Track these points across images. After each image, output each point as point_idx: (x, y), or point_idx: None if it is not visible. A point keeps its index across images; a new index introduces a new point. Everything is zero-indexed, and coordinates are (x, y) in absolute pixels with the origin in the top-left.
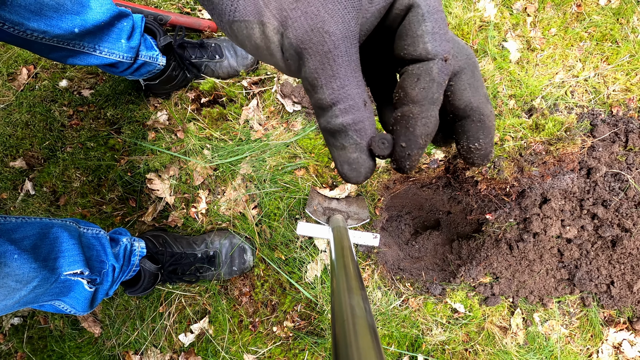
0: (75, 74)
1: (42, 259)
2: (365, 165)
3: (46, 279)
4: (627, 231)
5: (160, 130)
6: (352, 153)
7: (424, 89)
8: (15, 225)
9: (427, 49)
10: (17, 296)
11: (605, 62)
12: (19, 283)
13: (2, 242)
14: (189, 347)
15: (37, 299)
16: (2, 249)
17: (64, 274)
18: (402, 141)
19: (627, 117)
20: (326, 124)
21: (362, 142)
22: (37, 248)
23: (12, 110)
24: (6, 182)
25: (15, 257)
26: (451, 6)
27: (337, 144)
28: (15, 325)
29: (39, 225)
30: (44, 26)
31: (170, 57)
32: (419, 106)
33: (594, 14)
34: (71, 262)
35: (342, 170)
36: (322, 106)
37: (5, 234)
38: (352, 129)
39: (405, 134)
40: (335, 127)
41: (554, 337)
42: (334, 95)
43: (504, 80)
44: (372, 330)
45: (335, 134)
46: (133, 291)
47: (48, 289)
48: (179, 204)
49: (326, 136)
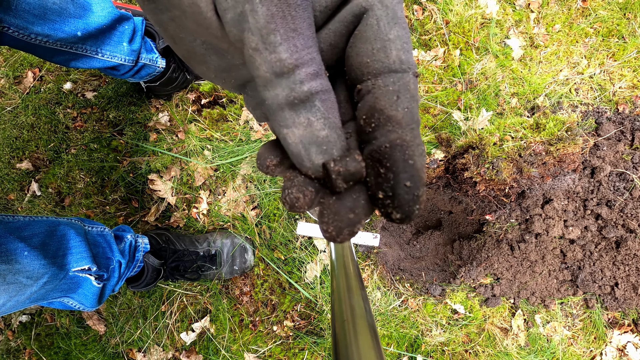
0: (79, 76)
1: (51, 256)
2: (338, 146)
3: (55, 275)
4: (632, 232)
5: (161, 132)
6: (320, 130)
7: (408, 109)
8: (23, 224)
9: (401, 58)
10: (28, 292)
11: (612, 58)
12: (30, 279)
13: (12, 240)
14: (191, 345)
15: (47, 295)
16: (13, 246)
17: (72, 270)
18: (404, 179)
19: (634, 115)
20: (289, 92)
21: (331, 118)
22: (46, 245)
23: (19, 112)
24: (13, 183)
25: (25, 253)
26: (452, 3)
27: (300, 120)
28: (24, 323)
29: (46, 224)
30: (48, 30)
31: (170, 59)
32: (409, 130)
33: (600, 9)
34: (79, 258)
35: (309, 157)
36: (280, 70)
37: (14, 231)
38: (319, 98)
39: (405, 169)
40: (301, 96)
41: (556, 339)
42: (298, 55)
43: (506, 78)
44: (372, 330)
45: (297, 107)
46: (136, 286)
47: (57, 285)
48: (181, 204)
49: (279, 114)
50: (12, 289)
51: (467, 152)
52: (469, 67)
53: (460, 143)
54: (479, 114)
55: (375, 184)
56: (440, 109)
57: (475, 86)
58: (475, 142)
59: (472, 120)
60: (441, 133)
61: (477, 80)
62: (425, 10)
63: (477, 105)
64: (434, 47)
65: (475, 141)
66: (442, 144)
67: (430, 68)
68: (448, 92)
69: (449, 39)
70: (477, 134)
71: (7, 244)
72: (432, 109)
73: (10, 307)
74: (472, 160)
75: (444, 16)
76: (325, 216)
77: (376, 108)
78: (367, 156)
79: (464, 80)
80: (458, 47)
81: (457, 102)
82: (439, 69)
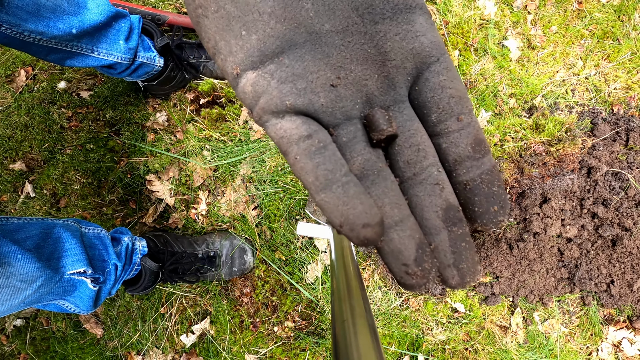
0: (74, 75)
1: (45, 259)
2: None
3: (50, 279)
4: (628, 230)
5: (159, 132)
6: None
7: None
8: (17, 226)
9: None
10: (22, 296)
11: (607, 60)
12: (24, 283)
13: (5, 243)
14: (191, 347)
15: (42, 299)
16: (6, 249)
17: (67, 273)
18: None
19: (628, 116)
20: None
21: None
22: (40, 248)
23: (11, 112)
24: (6, 184)
25: (19, 257)
26: (451, 4)
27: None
28: (18, 327)
29: (41, 226)
30: (42, 27)
31: (168, 57)
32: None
33: (595, 12)
34: (74, 261)
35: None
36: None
37: (8, 234)
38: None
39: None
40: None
41: (554, 336)
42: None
43: (504, 79)
44: (372, 330)
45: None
46: (133, 290)
47: (52, 288)
48: (179, 205)
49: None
50: (5, 293)
51: None
52: (468, 68)
53: None
54: (478, 114)
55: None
56: None
57: (474, 87)
58: None
59: None
60: None
61: (476, 80)
62: None
63: (476, 105)
64: None
65: None
66: None
67: None
68: None
69: (448, 39)
70: None
71: (0, 247)
72: None
73: (4, 311)
74: None
75: (443, 17)
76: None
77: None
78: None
79: (463, 80)
80: (457, 48)
81: None
82: None
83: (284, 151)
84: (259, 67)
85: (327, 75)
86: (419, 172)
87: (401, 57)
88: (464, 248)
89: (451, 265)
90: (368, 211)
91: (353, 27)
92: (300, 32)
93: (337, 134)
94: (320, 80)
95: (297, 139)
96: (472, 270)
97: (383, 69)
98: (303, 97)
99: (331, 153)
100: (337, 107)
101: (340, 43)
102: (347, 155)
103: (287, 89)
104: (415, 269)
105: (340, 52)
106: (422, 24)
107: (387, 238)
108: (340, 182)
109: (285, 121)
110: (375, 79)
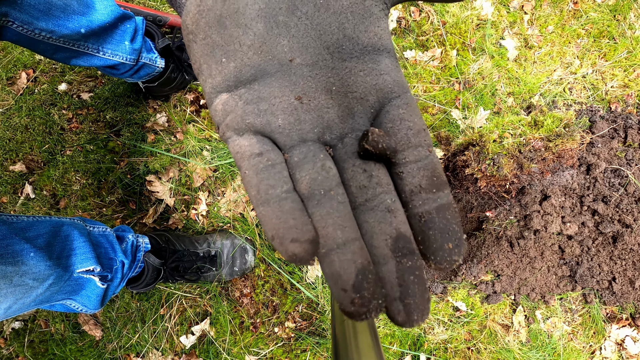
0: (75, 77)
1: (55, 257)
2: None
3: (60, 277)
4: (628, 227)
5: (159, 132)
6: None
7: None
8: (27, 224)
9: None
10: (34, 294)
11: (603, 58)
12: (36, 281)
13: (18, 241)
14: (191, 349)
15: (51, 298)
16: (19, 248)
17: (76, 271)
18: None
19: (626, 113)
20: None
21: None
22: (51, 246)
23: (12, 114)
24: (6, 185)
25: (31, 255)
26: (448, 5)
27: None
28: (16, 329)
29: (50, 224)
30: (52, 26)
31: (169, 59)
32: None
33: (590, 11)
34: (83, 259)
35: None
36: None
37: (19, 232)
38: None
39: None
40: None
41: (557, 335)
42: None
43: (502, 78)
44: (372, 330)
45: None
46: (135, 286)
47: (62, 287)
48: (180, 205)
49: None
50: (19, 291)
51: (467, 150)
52: (466, 67)
53: (460, 141)
54: (477, 112)
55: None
56: (438, 108)
57: (472, 86)
58: (475, 140)
59: (470, 119)
60: (440, 131)
61: (474, 80)
62: (422, 11)
63: (474, 104)
64: (432, 47)
65: (476, 138)
66: (441, 143)
67: (428, 68)
68: (446, 92)
69: (446, 39)
70: (476, 131)
71: (13, 245)
72: (430, 108)
73: (16, 310)
74: (473, 157)
75: (441, 17)
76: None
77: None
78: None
79: (462, 80)
80: (455, 48)
81: (454, 101)
82: (436, 69)
83: (238, 165)
84: (232, 90)
85: (290, 100)
86: (371, 198)
87: (363, 90)
88: (412, 282)
89: (397, 299)
90: (299, 227)
91: (322, 62)
92: (274, 63)
93: (291, 154)
94: (282, 105)
95: (248, 156)
96: (421, 307)
97: (344, 100)
98: (262, 118)
99: (277, 171)
100: (295, 129)
101: (308, 74)
102: (296, 174)
103: (250, 109)
104: (353, 295)
105: (306, 82)
106: (387, 64)
107: (328, 260)
108: (278, 198)
109: (243, 139)
110: (337, 108)
